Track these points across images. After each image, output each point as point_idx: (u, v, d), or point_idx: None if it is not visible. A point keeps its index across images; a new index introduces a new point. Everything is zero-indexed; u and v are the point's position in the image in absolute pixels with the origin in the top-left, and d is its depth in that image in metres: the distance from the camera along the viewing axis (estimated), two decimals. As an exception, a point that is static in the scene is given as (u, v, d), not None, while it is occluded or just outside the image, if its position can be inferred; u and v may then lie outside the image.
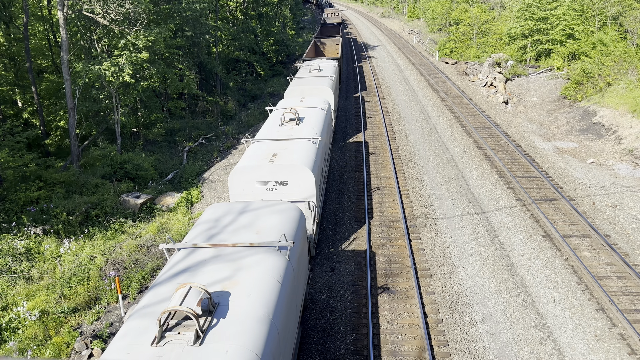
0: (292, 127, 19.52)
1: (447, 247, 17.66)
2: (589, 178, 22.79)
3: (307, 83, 29.33)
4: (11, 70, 31.05)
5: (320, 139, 18.38)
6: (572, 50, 43.44)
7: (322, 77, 30.62)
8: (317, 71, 32.44)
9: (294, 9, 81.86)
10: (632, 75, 32.51)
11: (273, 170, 15.83)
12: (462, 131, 30.25)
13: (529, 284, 15.27)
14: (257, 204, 12.69)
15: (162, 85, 34.51)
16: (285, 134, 18.71)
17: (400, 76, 48.25)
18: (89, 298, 15.23)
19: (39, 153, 26.91)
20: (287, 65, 63.44)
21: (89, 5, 24.72)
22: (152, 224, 20.03)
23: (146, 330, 8.00)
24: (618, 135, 27.57)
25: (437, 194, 22.01)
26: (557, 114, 34.09)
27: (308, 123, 19.98)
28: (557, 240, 17.50)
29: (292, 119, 20.03)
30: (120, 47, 26.27)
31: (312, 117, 20.89)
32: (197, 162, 28.21)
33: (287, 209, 12.48)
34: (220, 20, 50.40)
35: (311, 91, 27.87)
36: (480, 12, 57.61)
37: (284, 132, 19.04)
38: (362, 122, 32.97)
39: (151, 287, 9.57)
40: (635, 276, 15.03)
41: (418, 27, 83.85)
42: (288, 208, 12.53)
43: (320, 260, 17.04)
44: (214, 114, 42.43)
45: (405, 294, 14.99)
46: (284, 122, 19.92)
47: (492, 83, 41.92)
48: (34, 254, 17.79)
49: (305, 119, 20.49)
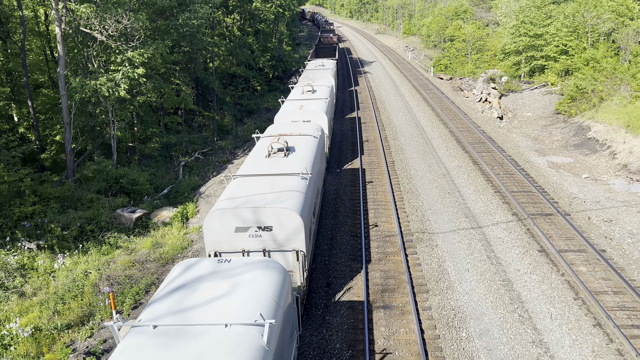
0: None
1: (443, 262, 17.62)
2: (584, 193, 22.88)
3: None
4: (7, 85, 31.08)
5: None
6: (565, 66, 43.90)
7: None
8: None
9: (291, 25, 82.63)
10: (625, 91, 32.85)
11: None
12: (457, 146, 30.39)
13: (525, 299, 15.23)
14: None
15: (158, 100, 34.59)
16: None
17: (395, 92, 48.58)
18: (82, 314, 15.07)
19: (34, 168, 26.84)
20: (284, 80, 63.82)
21: (86, 21, 24.86)
22: (147, 239, 19.93)
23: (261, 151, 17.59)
24: (612, 150, 27.76)
25: (433, 208, 22.03)
26: (552, 129, 34.33)
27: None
28: (553, 255, 17.50)
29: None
30: (117, 63, 26.38)
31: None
32: (193, 177, 28.18)
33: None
34: (217, 36, 50.75)
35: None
36: (474, 29, 58.27)
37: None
38: (358, 137, 33.08)
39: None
40: (631, 291, 15.02)
41: (413, 44, 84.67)
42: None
43: (316, 275, 16.96)
44: (211, 129, 42.51)
45: (401, 309, 14.91)
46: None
47: (486, 99, 42.24)
48: (28, 269, 17.63)
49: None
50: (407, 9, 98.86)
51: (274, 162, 17.23)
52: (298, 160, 17.43)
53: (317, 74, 38.24)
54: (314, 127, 21.95)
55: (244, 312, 8.86)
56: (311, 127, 21.85)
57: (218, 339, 8.16)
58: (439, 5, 78.89)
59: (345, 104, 44.70)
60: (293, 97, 30.22)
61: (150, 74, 28.91)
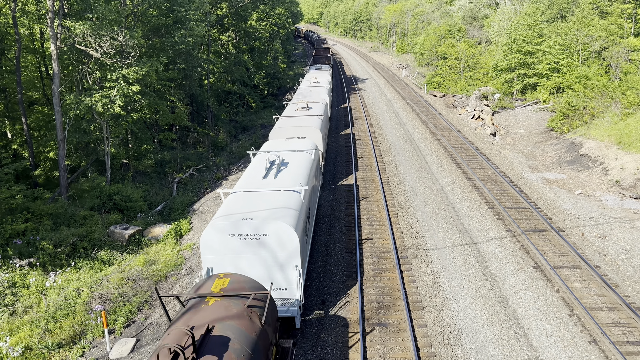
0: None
1: (438, 278, 17.57)
2: (577, 209, 22.98)
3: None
4: (2, 102, 31.05)
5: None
6: (557, 84, 44.45)
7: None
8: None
9: (285, 43, 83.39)
10: (616, 108, 33.23)
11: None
12: (451, 162, 30.53)
13: (520, 316, 15.18)
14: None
15: (153, 116, 34.64)
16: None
17: (389, 108, 48.90)
18: (74, 333, 14.87)
19: (27, 184, 26.67)
20: (279, 97, 64.16)
21: (82, 38, 24.98)
22: (140, 256, 19.77)
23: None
24: (604, 167, 27.96)
25: (428, 224, 22.03)
26: (544, 146, 34.59)
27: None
28: (548, 271, 17.50)
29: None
30: (112, 80, 26.46)
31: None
32: (187, 193, 28.10)
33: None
34: (212, 53, 51.10)
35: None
36: (466, 47, 58.99)
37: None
38: (352, 154, 33.19)
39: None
40: (626, 307, 15.01)
41: (406, 61, 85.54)
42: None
43: (311, 292, 16.85)
44: (205, 145, 42.54)
45: (397, 327, 14.81)
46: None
47: (479, 115, 42.59)
48: (19, 287, 17.42)
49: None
50: (401, 27, 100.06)
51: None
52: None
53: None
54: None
55: (293, 179, 17.16)
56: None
57: (277, 196, 15.67)
58: (432, 24, 79.91)
59: (339, 120, 44.92)
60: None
61: (145, 91, 29.01)
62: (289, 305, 14.13)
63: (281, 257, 13.96)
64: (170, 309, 15.93)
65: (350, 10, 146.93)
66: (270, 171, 18.10)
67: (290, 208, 14.97)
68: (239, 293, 9.89)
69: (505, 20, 58.96)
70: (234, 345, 8.46)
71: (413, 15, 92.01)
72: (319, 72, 52.08)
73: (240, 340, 8.71)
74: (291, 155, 19.98)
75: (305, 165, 19.24)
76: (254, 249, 13.90)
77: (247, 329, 9.09)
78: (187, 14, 33.22)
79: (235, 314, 9.28)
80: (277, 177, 17.55)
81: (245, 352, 8.54)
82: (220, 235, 13.85)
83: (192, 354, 7.90)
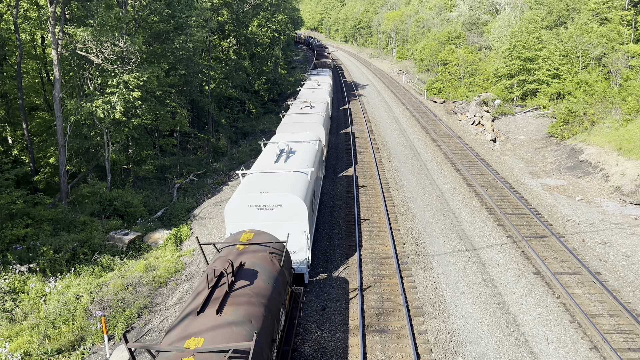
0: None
1: (439, 284, 17.53)
2: (578, 215, 22.96)
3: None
4: (2, 108, 31.10)
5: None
6: (557, 90, 44.52)
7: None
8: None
9: (286, 49, 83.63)
10: (616, 114, 33.28)
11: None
12: (451, 168, 30.54)
13: (521, 322, 15.13)
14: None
15: (153, 122, 34.68)
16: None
17: (389, 114, 48.97)
18: (73, 339, 14.82)
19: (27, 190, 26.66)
20: (279, 103, 64.28)
21: (83, 44, 25.06)
22: (140, 262, 19.74)
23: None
24: (605, 173, 27.96)
25: (428, 230, 22.01)
26: (545, 152, 34.61)
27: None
28: (549, 277, 17.46)
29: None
30: (113, 86, 26.51)
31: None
32: (187, 199, 28.08)
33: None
34: (213, 59, 51.24)
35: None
36: (467, 53, 59.14)
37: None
38: (352, 159, 33.22)
39: None
40: (627, 314, 14.96)
41: (407, 67, 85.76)
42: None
43: (310, 298, 16.81)
44: (206, 151, 42.58)
45: (397, 333, 14.76)
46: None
47: (479, 121, 42.64)
48: (19, 293, 17.39)
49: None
50: (401, 34, 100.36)
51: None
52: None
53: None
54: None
55: (300, 163, 19.45)
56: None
57: (288, 176, 18.23)
58: (433, 31, 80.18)
59: (340, 123, 44.96)
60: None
61: (145, 97, 29.05)
62: (299, 264, 17.04)
63: (292, 224, 16.50)
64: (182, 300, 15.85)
65: (351, 17, 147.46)
66: (281, 157, 20.87)
67: (299, 185, 17.72)
68: (262, 242, 12.68)
69: (506, 26, 59.16)
70: (261, 276, 11.16)
71: (413, 21, 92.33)
72: (320, 75, 54.44)
73: (265, 274, 11.39)
74: (298, 145, 22.78)
75: (310, 152, 22.06)
76: (269, 217, 16.56)
77: (269, 267, 11.78)
78: (187, 20, 33.33)
79: (260, 257, 12.01)
80: (287, 162, 20.39)
81: (270, 282, 11.22)
82: (241, 205, 16.63)
83: (231, 276, 10.47)
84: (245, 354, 8.48)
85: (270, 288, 11.01)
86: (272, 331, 10.32)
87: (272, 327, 10.33)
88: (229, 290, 10.20)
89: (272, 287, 11.09)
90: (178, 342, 8.55)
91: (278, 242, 13.01)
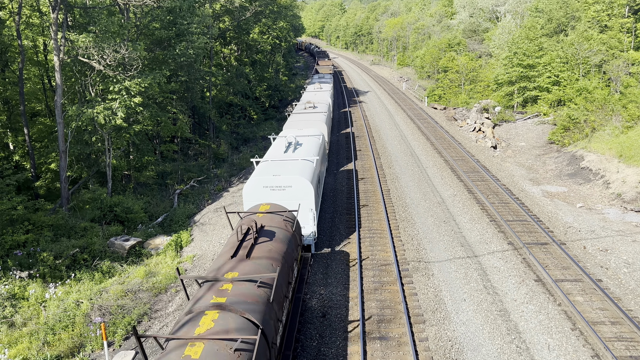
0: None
1: (440, 291, 17.48)
2: (579, 222, 22.92)
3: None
4: (4, 114, 31.18)
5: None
6: (558, 97, 44.59)
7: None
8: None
9: (287, 56, 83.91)
10: (616, 121, 33.31)
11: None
12: (452, 175, 30.53)
13: (522, 330, 15.07)
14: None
15: (154, 128, 34.73)
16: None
17: (390, 121, 49.04)
18: (73, 345, 14.77)
19: (28, 196, 26.69)
20: (280, 109, 64.38)
21: (85, 50, 25.15)
22: (140, 268, 19.71)
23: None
24: (606, 180, 27.94)
25: (429, 237, 21.97)
26: (545, 159, 34.61)
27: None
28: (550, 284, 17.41)
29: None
30: (115, 92, 26.58)
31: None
32: (187, 205, 28.08)
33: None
34: (214, 66, 51.40)
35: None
36: (467, 60, 59.29)
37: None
38: (353, 165, 33.22)
39: None
40: (629, 322, 14.90)
41: (407, 74, 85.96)
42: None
43: (311, 305, 16.76)
44: (206, 157, 42.61)
45: (398, 340, 14.70)
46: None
47: (480, 128, 42.69)
48: (18, 299, 17.35)
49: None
50: (402, 41, 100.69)
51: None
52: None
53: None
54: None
55: (306, 153, 21.97)
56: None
57: (296, 162, 20.90)
58: (433, 38, 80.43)
59: (340, 125, 45.01)
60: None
61: (147, 103, 29.11)
62: (306, 237, 19.71)
63: (300, 202, 18.84)
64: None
65: (352, 24, 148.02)
66: (289, 148, 23.65)
67: (306, 169, 20.43)
68: (277, 211, 15.37)
69: (506, 33, 59.33)
70: (278, 236, 13.81)
71: (414, 29, 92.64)
72: (322, 79, 55.88)
73: (281, 234, 14.01)
74: (304, 139, 25.53)
75: (314, 144, 24.76)
76: (281, 197, 19.16)
77: (284, 230, 14.41)
78: (189, 27, 33.46)
79: (276, 222, 14.70)
80: (295, 152, 23.04)
81: (284, 241, 13.83)
82: (257, 186, 19.40)
83: (255, 233, 13.12)
84: (270, 285, 11.27)
85: (285, 245, 13.68)
86: (288, 275, 13.05)
87: (288, 272, 13.03)
88: (254, 243, 12.92)
89: (286, 245, 13.77)
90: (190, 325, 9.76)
91: (290, 212, 15.82)
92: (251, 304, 10.18)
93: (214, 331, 9.09)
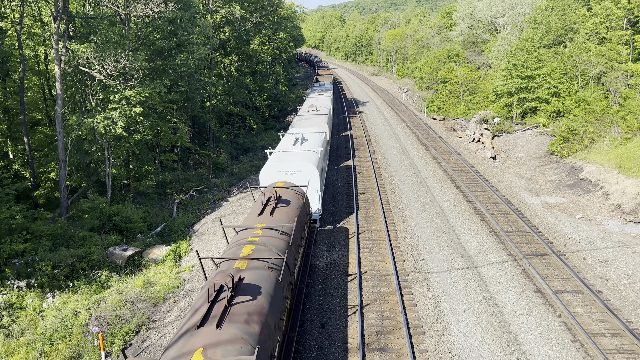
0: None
1: (439, 302, 17.41)
2: (578, 233, 22.89)
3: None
4: (4, 123, 31.25)
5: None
6: (557, 108, 44.73)
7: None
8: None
9: (287, 66, 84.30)
10: (615, 133, 33.39)
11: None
12: (451, 185, 30.54)
13: (522, 342, 14.99)
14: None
15: (154, 138, 34.80)
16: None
17: (390, 131, 49.14)
18: (70, 355, 14.68)
19: (27, 205, 26.64)
20: (280, 119, 64.57)
21: (85, 60, 25.26)
22: (139, 278, 19.64)
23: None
24: (605, 191, 27.95)
25: (429, 247, 21.93)
26: (545, 170, 34.65)
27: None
28: (550, 296, 17.34)
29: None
30: (115, 101, 26.66)
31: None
32: (187, 215, 28.04)
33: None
34: (215, 76, 51.60)
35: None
36: (466, 72, 59.57)
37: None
38: (353, 175, 33.23)
39: None
40: (629, 333, 14.83)
41: (407, 85, 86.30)
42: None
43: (310, 315, 16.69)
44: (206, 167, 42.64)
45: (397, 352, 14.62)
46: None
47: (479, 139, 42.77)
48: (16, 308, 17.27)
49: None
50: (401, 52, 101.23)
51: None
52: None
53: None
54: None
55: (312, 146, 26.72)
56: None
57: (304, 152, 25.38)
58: (432, 49, 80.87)
59: (340, 142, 45.09)
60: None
61: (147, 112, 29.19)
62: (313, 213, 23.16)
63: (308, 185, 21.61)
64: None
65: (351, 35, 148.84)
66: (297, 142, 27.86)
67: (312, 158, 24.36)
68: (290, 186, 19.43)
69: (505, 45, 59.67)
70: (292, 204, 17.66)
71: (413, 40, 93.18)
72: (322, 87, 59.10)
73: (294, 203, 17.90)
74: (309, 135, 29.64)
75: (318, 139, 28.87)
76: (292, 179, 22.72)
77: (296, 200, 18.31)
78: (190, 38, 33.66)
79: (290, 194, 18.55)
80: (302, 145, 27.27)
81: (298, 207, 17.77)
82: (271, 171, 23.28)
83: (275, 199, 17.17)
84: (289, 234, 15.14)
85: (298, 210, 17.51)
86: (301, 232, 16.75)
87: (300, 230, 16.85)
88: (275, 206, 16.91)
89: (299, 210, 17.62)
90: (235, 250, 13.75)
91: (300, 187, 20.15)
92: (276, 243, 14.08)
93: (252, 256, 12.98)
